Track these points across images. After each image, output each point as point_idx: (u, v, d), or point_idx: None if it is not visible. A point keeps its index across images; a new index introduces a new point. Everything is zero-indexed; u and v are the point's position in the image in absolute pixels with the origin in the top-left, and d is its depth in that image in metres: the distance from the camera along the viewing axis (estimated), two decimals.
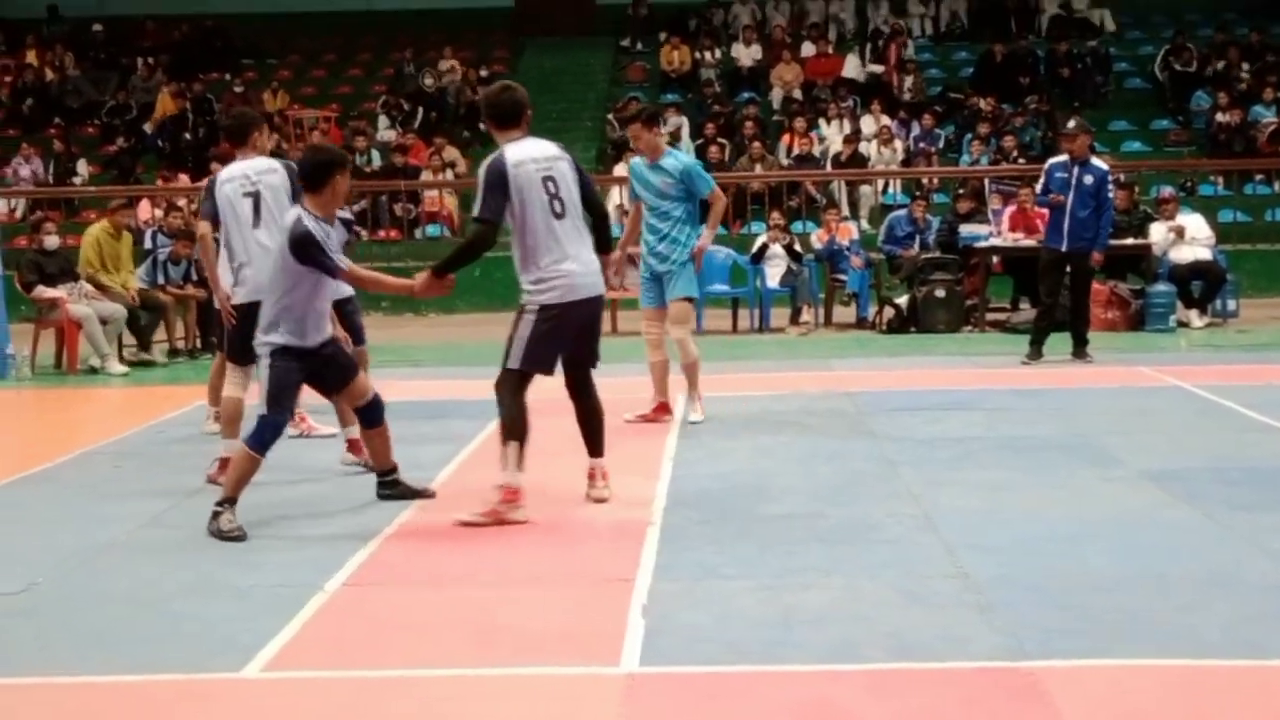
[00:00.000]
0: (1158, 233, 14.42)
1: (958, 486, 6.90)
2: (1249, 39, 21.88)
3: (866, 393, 9.97)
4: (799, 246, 14.90)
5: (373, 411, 6.76)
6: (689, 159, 9.12)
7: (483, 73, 22.17)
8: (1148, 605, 4.95)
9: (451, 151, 19.58)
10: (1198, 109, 20.50)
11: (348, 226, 6.99)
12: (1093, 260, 11.53)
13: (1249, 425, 8.54)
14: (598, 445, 6.76)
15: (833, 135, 19.73)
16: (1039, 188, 11.85)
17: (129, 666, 4.57)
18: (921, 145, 19.47)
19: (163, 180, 19.25)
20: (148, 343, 12.89)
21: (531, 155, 6.36)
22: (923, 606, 4.98)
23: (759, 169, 18.25)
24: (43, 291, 12.50)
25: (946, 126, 20.23)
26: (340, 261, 6.35)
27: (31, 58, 23.13)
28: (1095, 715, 4.03)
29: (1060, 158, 11.60)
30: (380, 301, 12.10)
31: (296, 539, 6.19)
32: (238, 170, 7.37)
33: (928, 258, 14.37)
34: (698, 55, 22.41)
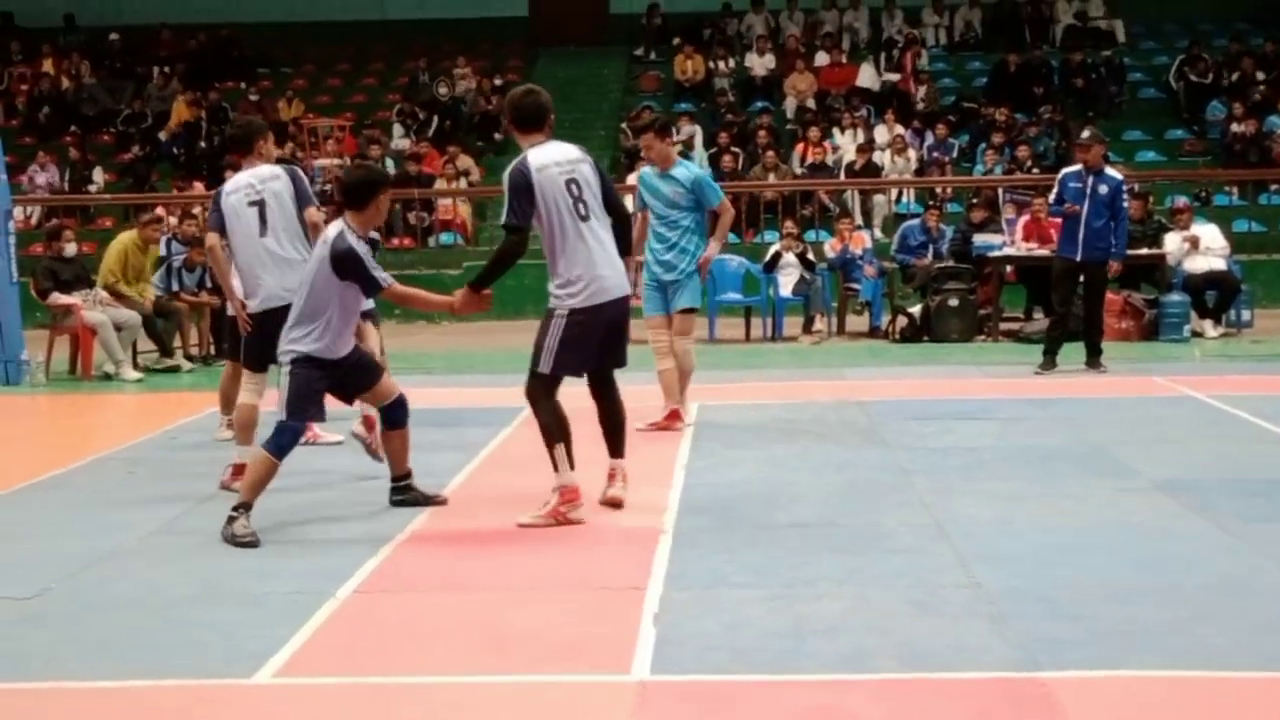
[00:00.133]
0: (1172, 243, 14.39)
1: (970, 496, 6.89)
2: (1264, 49, 21.83)
3: (879, 402, 9.95)
4: (812, 255, 14.90)
5: (397, 412, 6.75)
6: (700, 170, 9.12)
7: (497, 81, 22.22)
8: (1160, 616, 4.93)
9: (465, 160, 19.64)
10: (1213, 119, 20.47)
11: (373, 245, 7.00)
12: (1112, 270, 11.50)
13: (1263, 436, 8.51)
14: (619, 446, 6.76)
15: (846, 144, 19.73)
16: (1052, 197, 11.82)
17: (139, 672, 4.57)
18: (935, 155, 19.46)
19: (177, 188, 19.34)
20: (170, 349, 12.89)
21: (554, 159, 6.36)
22: (935, 617, 4.97)
23: (772, 178, 18.25)
24: (57, 298, 12.54)
25: (960, 136, 20.22)
26: (383, 279, 6.34)
27: (48, 66, 23.24)
28: None
29: (1074, 167, 11.57)
30: (393, 309, 12.07)
31: (308, 545, 6.20)
32: (242, 180, 7.37)
33: (941, 267, 14.35)
34: (711, 64, 22.43)
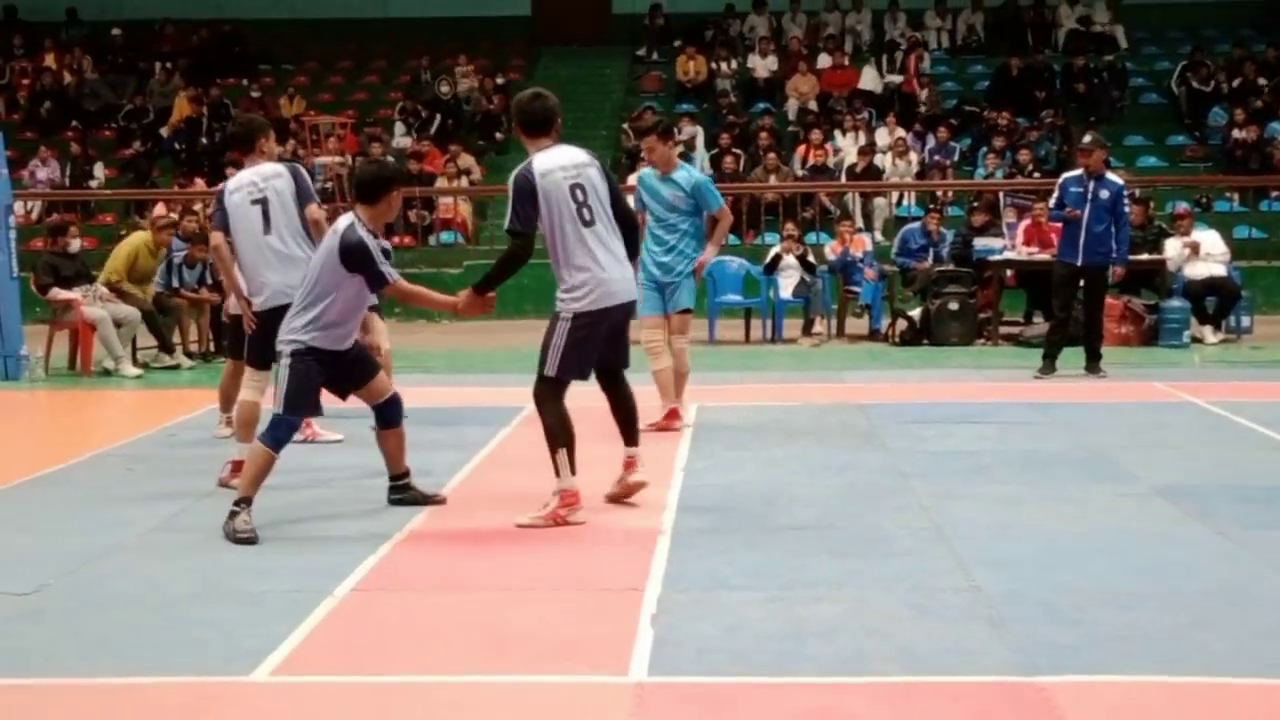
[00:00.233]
0: (1172, 248, 14.39)
1: (970, 500, 6.88)
2: (1266, 55, 21.83)
3: (879, 405, 9.95)
4: (812, 258, 14.90)
5: (391, 410, 6.74)
6: (700, 174, 9.16)
7: (499, 80, 22.23)
8: (1160, 621, 4.93)
9: (467, 159, 19.63)
10: (1214, 125, 20.47)
11: (386, 255, 6.99)
12: (1115, 274, 11.49)
13: (1262, 442, 8.51)
14: (633, 434, 6.80)
15: (848, 147, 19.73)
16: (1053, 202, 11.82)
17: (139, 669, 4.57)
18: (936, 158, 19.46)
19: (179, 185, 19.34)
20: (170, 344, 12.85)
21: (559, 164, 6.36)
22: (934, 620, 4.96)
23: (773, 180, 18.25)
24: (57, 293, 12.52)
25: (962, 139, 20.22)
26: (390, 274, 6.33)
27: (50, 61, 23.22)
28: None
29: (1075, 172, 11.58)
30: (394, 307, 12.10)
31: (307, 543, 6.20)
32: (245, 178, 7.37)
33: (941, 270, 14.36)
34: (713, 65, 22.43)
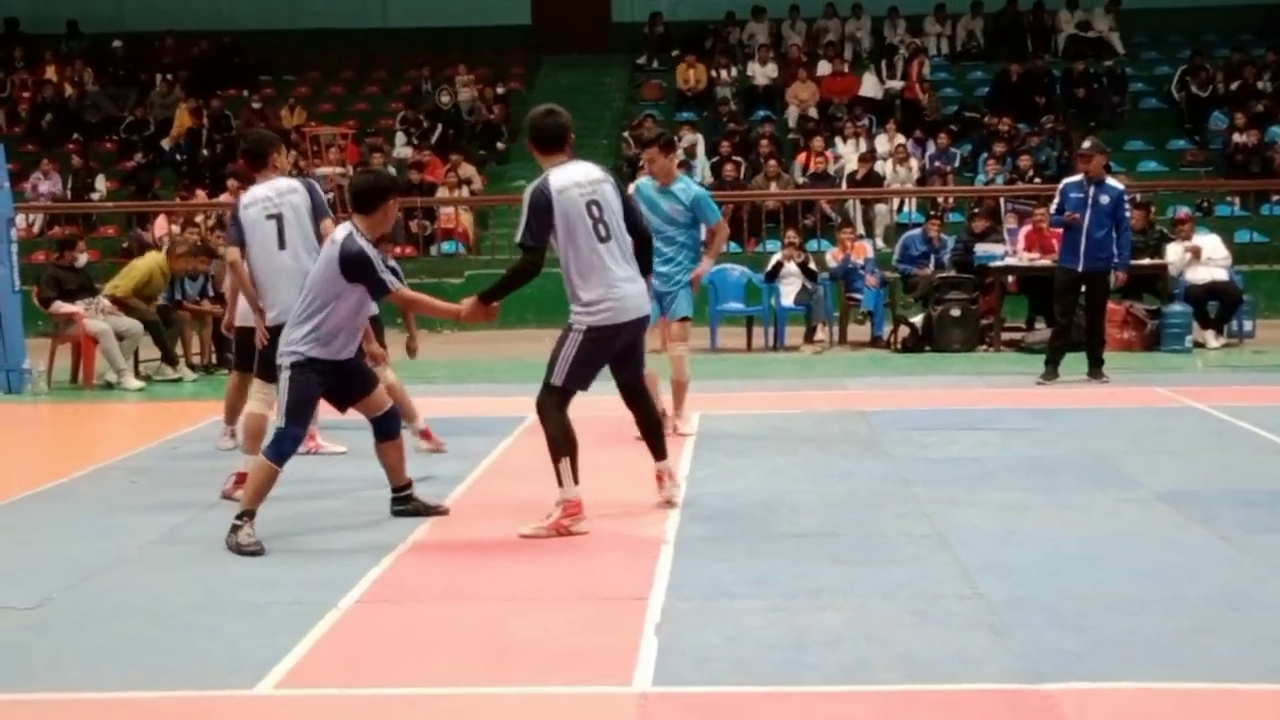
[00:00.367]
0: (1174, 253, 14.39)
1: (972, 507, 6.88)
2: (1266, 59, 21.84)
3: (881, 411, 9.95)
4: (814, 265, 14.90)
5: (389, 423, 6.75)
6: (699, 188, 9.23)
7: (500, 90, 22.24)
8: (1164, 627, 4.93)
9: (467, 168, 19.64)
10: (1215, 129, 20.48)
11: (395, 274, 7.01)
12: (1117, 280, 11.49)
13: (1265, 446, 8.51)
14: (661, 449, 6.87)
15: (848, 154, 19.74)
16: (1054, 207, 11.82)
17: (141, 682, 4.57)
18: (937, 164, 19.46)
19: (180, 197, 19.35)
20: (173, 358, 12.85)
21: (575, 180, 6.41)
22: (937, 628, 4.96)
23: (774, 187, 18.26)
24: (60, 306, 12.53)
25: (962, 145, 20.22)
26: (391, 282, 6.32)
27: (51, 73, 23.24)
28: None
29: (1075, 177, 11.59)
30: (395, 318, 12.03)
31: (310, 555, 6.20)
32: (260, 193, 7.39)
33: (943, 277, 14.35)
34: (713, 73, 22.44)
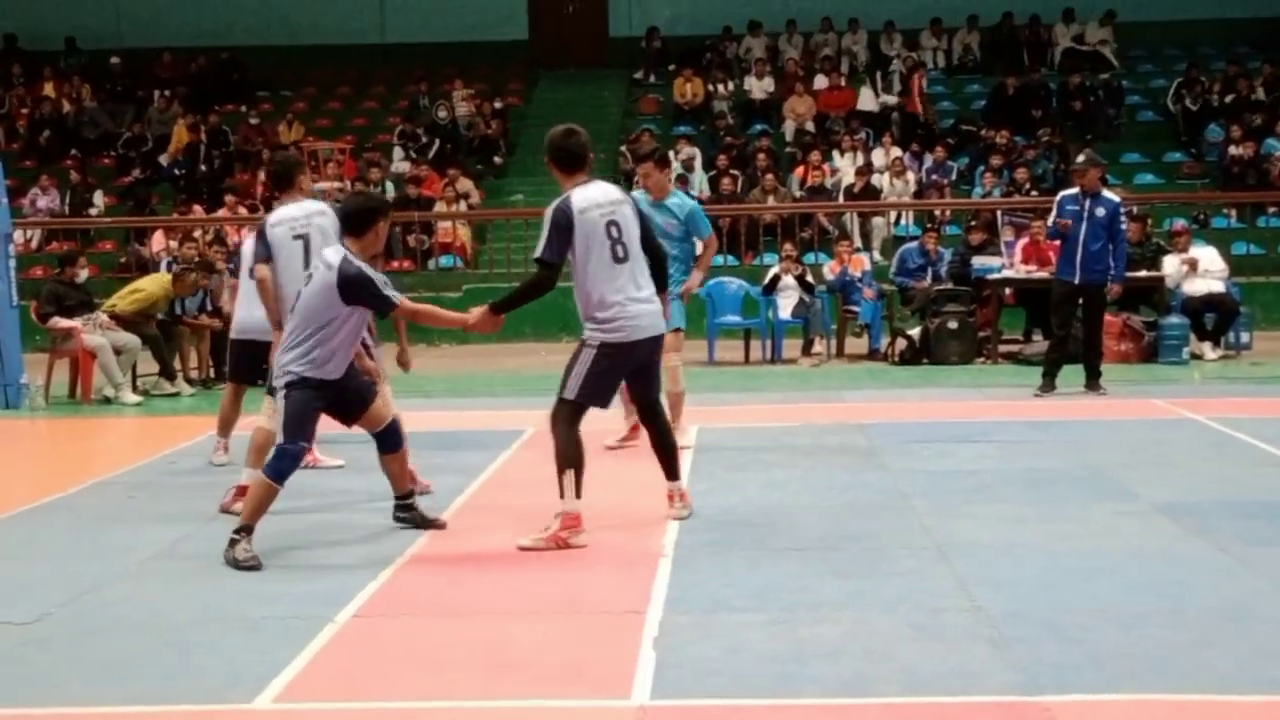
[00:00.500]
0: (1171, 265, 14.41)
1: (971, 519, 6.88)
2: (1262, 72, 21.88)
3: (879, 424, 9.95)
4: (811, 278, 14.92)
5: (392, 438, 6.79)
6: (693, 202, 9.27)
7: (497, 105, 22.28)
8: (1162, 640, 4.93)
9: (465, 183, 19.66)
10: (1211, 141, 20.51)
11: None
12: (1112, 292, 11.51)
13: (1263, 459, 8.51)
14: (674, 469, 6.96)
15: (845, 167, 19.77)
16: (1050, 220, 11.84)
17: (140, 697, 4.57)
18: (934, 177, 19.50)
19: (178, 212, 19.36)
20: (172, 372, 12.84)
21: (596, 201, 6.50)
22: (936, 641, 4.96)
23: (771, 201, 18.29)
24: (57, 322, 12.52)
25: (959, 158, 20.27)
26: (394, 297, 6.35)
27: (49, 89, 23.25)
28: None
29: (1071, 190, 11.61)
30: (388, 332, 12.09)
31: (308, 569, 6.20)
32: (286, 213, 7.50)
33: (940, 289, 14.38)
34: (711, 87, 22.48)
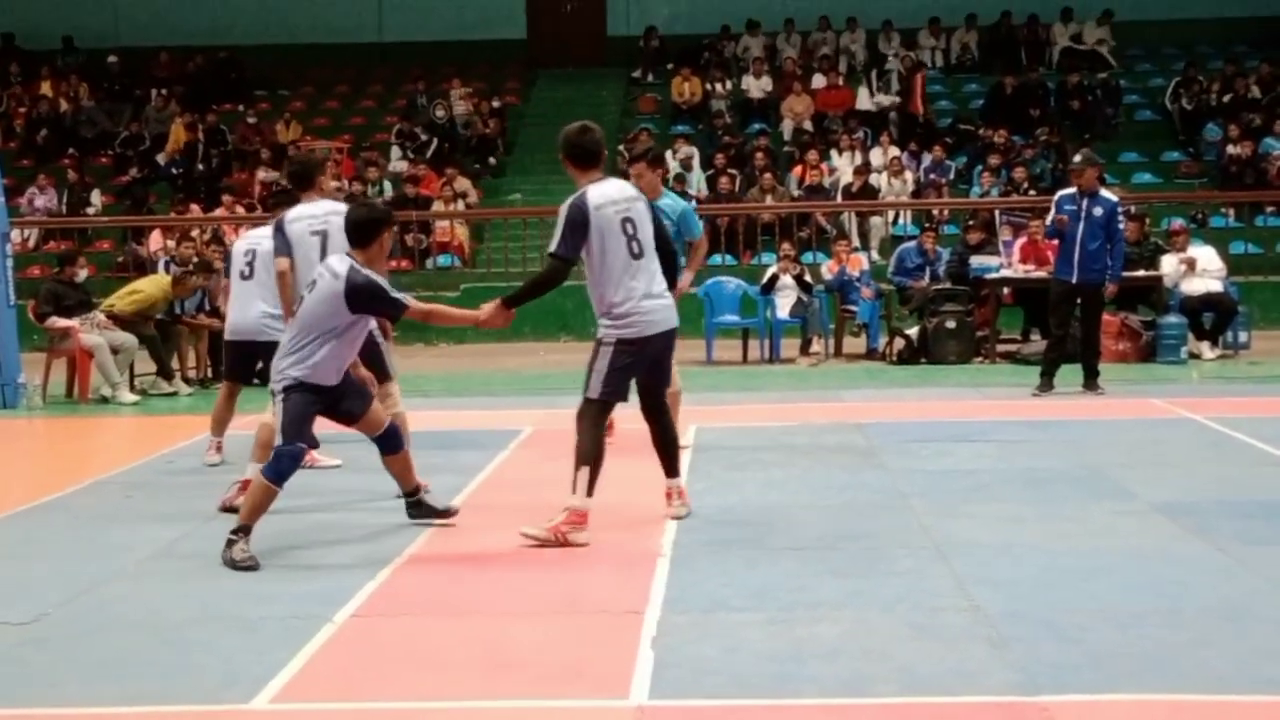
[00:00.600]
0: (1169, 264, 14.41)
1: (969, 519, 6.88)
2: (1260, 71, 21.89)
3: (877, 424, 9.95)
4: (809, 277, 14.91)
5: (392, 440, 6.81)
6: (685, 203, 9.30)
7: (495, 104, 22.27)
8: (1161, 639, 4.92)
9: (463, 182, 19.65)
10: (1209, 141, 20.51)
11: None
12: (1109, 291, 11.52)
13: (1261, 458, 8.51)
14: (674, 466, 7.00)
15: (843, 166, 19.77)
16: (1048, 220, 11.84)
17: (138, 697, 4.56)
18: (932, 177, 19.50)
19: (176, 211, 19.35)
20: (170, 371, 12.82)
21: (611, 198, 6.55)
22: (934, 640, 4.96)
23: (769, 200, 18.29)
24: (55, 321, 12.51)
25: (957, 158, 20.26)
26: (404, 300, 6.40)
27: (46, 88, 23.23)
28: None
29: (1069, 190, 11.61)
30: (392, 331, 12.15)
31: (306, 569, 6.19)
32: (304, 211, 7.59)
33: (938, 289, 14.38)
34: (709, 87, 22.48)
